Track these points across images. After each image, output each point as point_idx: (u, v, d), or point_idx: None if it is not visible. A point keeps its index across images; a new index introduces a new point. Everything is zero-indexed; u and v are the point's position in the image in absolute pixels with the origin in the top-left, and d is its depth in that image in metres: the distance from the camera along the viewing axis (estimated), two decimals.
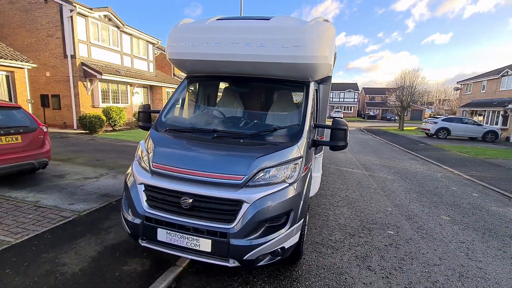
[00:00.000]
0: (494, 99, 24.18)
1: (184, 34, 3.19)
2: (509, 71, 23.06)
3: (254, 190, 2.42)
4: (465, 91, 30.09)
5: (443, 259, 3.31)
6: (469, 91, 29.09)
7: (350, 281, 2.80)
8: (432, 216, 4.70)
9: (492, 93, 24.93)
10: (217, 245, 2.37)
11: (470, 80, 29.32)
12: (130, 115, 15.41)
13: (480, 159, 11.00)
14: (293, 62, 2.89)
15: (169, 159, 2.63)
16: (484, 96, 26.07)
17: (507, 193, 6.34)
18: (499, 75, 24.14)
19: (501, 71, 24.44)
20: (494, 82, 24.92)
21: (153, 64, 18.45)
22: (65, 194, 4.56)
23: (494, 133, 18.75)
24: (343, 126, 3.07)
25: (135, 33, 15.99)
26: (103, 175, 5.83)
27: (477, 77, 28.30)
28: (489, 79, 25.69)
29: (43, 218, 3.67)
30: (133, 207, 2.61)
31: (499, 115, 22.56)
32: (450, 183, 7.18)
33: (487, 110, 24.38)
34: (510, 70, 22.92)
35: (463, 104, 29.55)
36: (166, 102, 3.57)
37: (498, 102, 22.55)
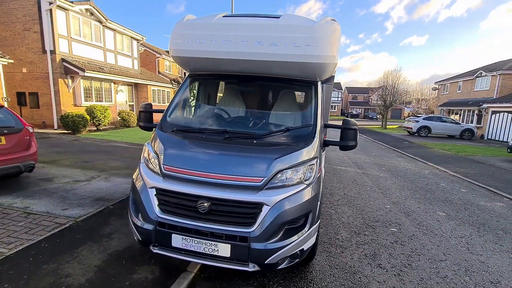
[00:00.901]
0: (469, 98, 25.53)
1: (190, 30, 3.05)
2: (482, 72, 24.42)
3: (274, 192, 2.36)
4: (443, 91, 31.57)
5: (447, 254, 3.42)
6: (446, 91, 30.55)
7: (364, 280, 2.82)
8: (429, 213, 4.86)
9: (468, 93, 26.31)
10: (237, 250, 2.29)
11: (447, 80, 30.78)
12: (114, 114, 14.82)
13: (462, 156, 11.57)
14: (305, 61, 2.85)
15: (182, 162, 2.52)
16: (460, 96, 27.47)
17: (492, 188, 6.69)
18: (474, 76, 25.52)
19: (475, 72, 25.84)
20: (469, 82, 26.31)
21: (138, 61, 17.85)
22: (56, 199, 4.28)
23: (470, 131, 19.82)
24: (353, 126, 3.08)
25: (119, 29, 15.37)
26: (94, 177, 5.54)
27: (454, 77, 29.76)
28: (464, 80, 27.09)
29: (36, 225, 3.42)
30: (144, 212, 2.47)
31: (474, 114, 23.87)
32: (439, 179, 7.48)
33: (463, 109, 25.72)
34: (483, 72, 24.27)
35: (440, 103, 30.98)
36: (170, 102, 3.42)
37: (473, 102, 23.83)
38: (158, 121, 3.32)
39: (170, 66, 25.96)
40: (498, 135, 19.68)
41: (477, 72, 25.38)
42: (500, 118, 19.59)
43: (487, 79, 23.88)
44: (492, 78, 23.12)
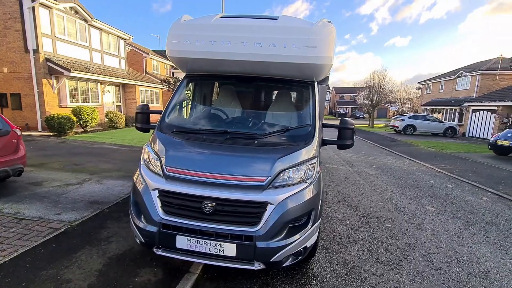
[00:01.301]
0: (451, 98, 26.54)
1: (188, 31, 3.04)
2: (463, 72, 25.45)
3: (278, 191, 2.40)
4: (426, 91, 32.65)
5: (440, 247, 3.57)
6: (429, 91, 31.62)
7: (364, 275, 2.90)
8: (420, 208, 5.04)
9: (449, 92, 27.34)
10: (242, 249, 2.31)
11: (430, 80, 31.87)
12: (102, 115, 14.45)
13: (446, 153, 12.03)
14: (303, 62, 2.90)
15: (185, 163, 2.51)
16: (443, 95, 28.51)
17: (476, 183, 7.01)
18: (455, 76, 26.55)
19: (456, 72, 26.89)
20: (451, 82, 27.35)
21: (125, 61, 17.48)
22: (48, 203, 4.15)
23: (453, 129, 20.62)
24: (351, 125, 3.17)
25: (105, 28, 15.01)
26: (86, 180, 5.40)
27: (436, 77, 30.84)
28: (446, 80, 28.13)
29: (29, 231, 3.31)
30: (147, 214, 2.45)
31: (456, 112, 24.84)
32: (426, 176, 7.75)
33: (446, 108, 26.72)
34: (464, 72, 25.30)
35: (424, 102, 32.03)
36: (168, 103, 3.40)
37: (455, 101, 24.80)
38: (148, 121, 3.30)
39: (158, 66, 25.59)
40: (478, 133, 20.57)
41: (458, 72, 26.42)
42: (480, 116, 20.48)
43: (467, 79, 24.91)
44: (472, 78, 24.15)
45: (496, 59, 24.19)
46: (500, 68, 22.57)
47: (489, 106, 19.34)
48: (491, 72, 23.00)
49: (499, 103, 18.16)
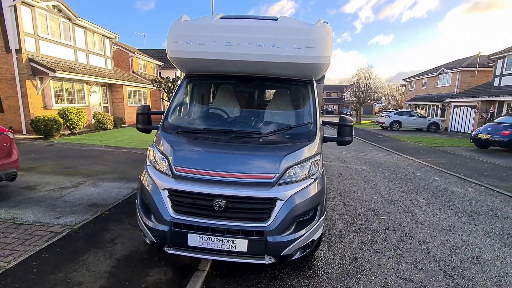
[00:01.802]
0: (433, 94, 27.54)
1: (189, 31, 3.06)
2: (444, 69, 26.46)
3: (286, 187, 2.48)
4: (409, 87, 33.71)
5: (433, 236, 3.78)
6: (413, 88, 32.66)
7: (366, 265, 3.04)
8: (411, 200, 5.28)
9: (432, 88, 28.36)
10: (253, 244, 2.39)
11: (413, 77, 32.91)
12: (89, 117, 14.08)
13: (431, 148, 12.53)
14: (304, 62, 2.99)
15: (194, 162, 2.55)
16: (426, 91, 29.53)
17: (461, 175, 7.37)
18: (437, 73, 27.56)
19: (438, 69, 27.92)
20: (433, 79, 28.37)
21: (111, 60, 17.07)
22: (45, 208, 4.07)
23: (436, 124, 21.43)
24: (350, 122, 3.30)
25: (90, 27, 14.59)
26: (81, 183, 5.30)
27: (419, 75, 31.89)
28: (428, 77, 29.16)
29: (30, 236, 3.25)
30: (157, 214, 2.48)
31: (438, 108, 25.81)
32: (414, 170, 8.08)
33: (428, 104, 27.70)
34: (445, 69, 26.31)
35: (408, 99, 33.06)
36: (170, 103, 3.42)
37: (437, 97, 25.76)
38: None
39: (145, 66, 25.11)
40: (459, 127, 21.49)
41: (439, 69, 27.44)
42: (461, 112, 21.39)
43: (448, 75, 25.92)
44: (453, 75, 25.15)
45: (475, 56, 25.29)
46: (478, 65, 23.63)
47: (469, 101, 20.23)
48: (470, 69, 24.05)
49: (478, 98, 19.03)
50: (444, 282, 2.77)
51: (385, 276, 2.84)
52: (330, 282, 2.74)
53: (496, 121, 11.70)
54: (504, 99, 17.15)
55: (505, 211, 4.82)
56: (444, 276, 2.87)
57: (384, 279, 2.79)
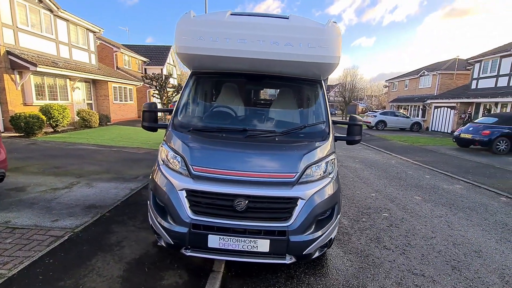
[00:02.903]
0: (415, 95, 28.65)
1: (200, 27, 2.97)
2: (425, 71, 27.57)
3: (307, 186, 2.47)
4: (392, 88, 34.86)
5: (435, 232, 3.92)
6: (396, 89, 33.80)
7: (378, 261, 3.11)
8: (408, 197, 5.45)
9: (413, 90, 29.49)
10: (275, 244, 2.36)
11: (395, 79, 34.06)
12: (72, 114, 13.43)
13: (417, 146, 13.03)
14: (318, 61, 3.00)
15: (212, 162, 2.49)
16: (407, 92, 30.66)
17: (449, 173, 7.72)
18: (418, 75, 28.68)
19: (419, 71, 29.05)
20: (414, 81, 29.49)
21: (95, 55, 16.36)
22: (40, 210, 3.83)
23: (418, 124, 22.33)
24: (359, 122, 3.35)
25: (73, 19, 13.90)
26: (74, 184, 5.05)
27: (401, 76, 33.04)
28: (410, 78, 30.27)
29: (29, 240, 3.04)
30: (175, 215, 2.40)
31: (420, 108, 26.89)
32: (405, 168, 8.36)
33: (410, 105, 28.79)
34: (426, 71, 27.42)
35: (391, 99, 34.18)
36: (178, 100, 3.31)
37: (418, 98, 26.82)
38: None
39: (130, 61, 24.29)
40: (440, 127, 22.50)
41: (420, 71, 28.56)
42: (441, 112, 22.39)
43: (429, 77, 27.05)
44: (433, 77, 26.27)
45: (453, 60, 26.54)
46: (456, 68, 24.83)
47: (448, 103, 21.21)
48: (449, 71, 25.22)
49: (457, 100, 20.01)
50: (453, 276, 2.87)
51: (397, 272, 2.91)
52: (346, 279, 2.77)
53: (477, 122, 12.35)
54: (481, 100, 18.13)
55: (494, 207, 5.10)
56: (452, 270, 2.98)
57: (397, 275, 2.86)
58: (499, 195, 5.84)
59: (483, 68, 19.18)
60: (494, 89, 17.71)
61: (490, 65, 18.55)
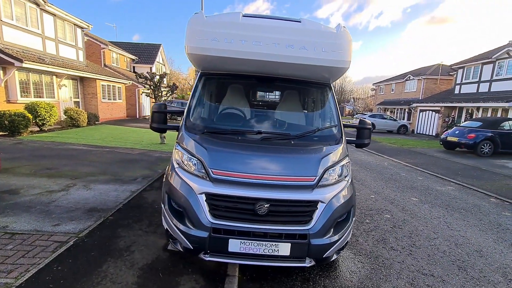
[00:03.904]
0: (401, 98, 29.55)
1: (214, 28, 2.93)
2: (411, 76, 28.51)
3: (326, 189, 2.50)
4: (379, 92, 35.81)
5: (436, 232, 4.05)
6: (382, 92, 34.74)
7: (387, 262, 3.17)
8: (406, 199, 5.61)
9: (399, 93, 30.41)
10: (296, 248, 2.37)
11: (382, 82, 35.02)
12: (59, 112, 12.91)
13: (406, 149, 13.44)
14: (331, 65, 3.04)
15: (232, 165, 2.46)
16: (394, 96, 31.58)
17: (439, 175, 8.01)
18: (404, 79, 29.61)
19: (405, 76, 30.00)
20: (400, 85, 30.42)
21: (83, 52, 15.83)
22: (38, 214, 3.65)
23: (405, 127, 23.04)
24: (368, 125, 3.42)
25: (60, 14, 13.38)
26: (70, 186, 4.85)
27: (388, 80, 34.00)
28: (396, 82, 31.22)
29: (31, 247, 2.89)
30: (195, 219, 2.35)
31: (405, 112, 27.76)
32: (398, 170, 8.60)
33: (397, 108, 29.66)
34: (411, 76, 28.36)
35: (378, 102, 35.09)
36: (189, 102, 3.25)
37: (404, 101, 27.68)
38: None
39: (118, 59, 23.67)
40: (425, 130, 23.30)
41: (406, 76, 29.51)
42: (426, 116, 23.21)
43: (414, 82, 27.98)
44: (418, 82, 27.20)
45: (437, 65, 27.60)
46: (440, 73, 25.84)
47: (433, 106, 22.03)
48: (433, 77, 26.20)
49: (441, 104, 20.81)
50: (460, 276, 2.98)
51: (408, 273, 2.99)
52: (360, 281, 2.81)
53: (463, 125, 12.89)
54: (463, 105, 18.95)
55: (487, 208, 5.33)
56: (459, 270, 3.09)
57: (408, 276, 2.94)
58: (489, 196, 6.12)
59: (466, 74, 20.06)
60: (476, 95, 18.55)
61: (472, 71, 19.43)
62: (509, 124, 11.86)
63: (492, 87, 17.62)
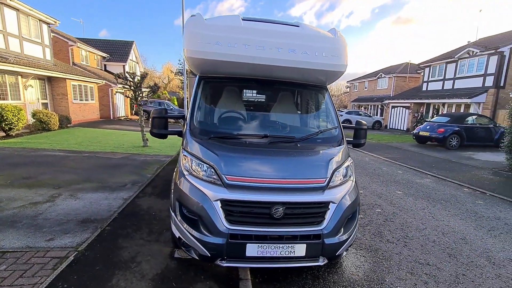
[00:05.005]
0: (374, 95, 31.01)
1: (217, 32, 2.92)
2: (382, 74, 30.00)
3: (336, 190, 2.60)
4: (353, 89, 37.27)
5: (424, 223, 4.37)
6: (356, 89, 36.20)
7: (387, 255, 3.38)
8: (391, 192, 5.96)
9: (372, 90, 31.89)
10: (311, 248, 2.45)
11: (356, 80, 36.47)
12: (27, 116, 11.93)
13: (383, 144, 14.18)
14: (331, 70, 3.16)
15: (245, 170, 2.48)
16: (367, 93, 33.05)
17: (416, 168, 8.58)
18: (376, 77, 31.08)
19: (377, 74, 31.50)
20: (373, 82, 31.90)
21: (50, 49, 14.75)
22: (27, 229, 3.41)
23: (379, 122, 24.26)
24: (364, 126, 3.60)
25: (24, 9, 12.34)
26: (55, 196, 4.55)
27: (361, 78, 35.48)
28: (369, 80, 32.68)
29: (28, 265, 2.70)
30: (212, 226, 2.35)
31: (378, 108, 29.19)
32: (379, 164, 9.07)
33: (370, 104, 31.08)
34: (383, 74, 29.85)
35: (352, 99, 36.52)
36: (191, 106, 3.21)
37: (377, 98, 29.09)
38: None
39: (88, 57, 22.32)
40: (397, 125, 24.71)
41: (378, 74, 31.00)
42: (397, 112, 24.61)
43: (385, 80, 29.48)
44: (389, 79, 28.70)
45: (405, 64, 29.30)
46: (409, 71, 27.47)
47: (404, 103, 23.40)
48: (402, 75, 27.80)
49: (411, 100, 22.17)
50: (452, 262, 3.26)
51: (407, 263, 3.21)
52: (366, 274, 2.97)
53: (433, 121, 13.86)
54: (430, 101, 20.34)
55: (462, 198, 5.83)
56: (450, 257, 3.37)
57: (407, 266, 3.15)
58: (462, 186, 6.68)
59: (432, 72, 21.54)
60: (442, 91, 20.01)
61: (438, 69, 20.90)
62: (473, 119, 12.98)
63: (456, 84, 19.10)
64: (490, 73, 16.50)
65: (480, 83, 17.05)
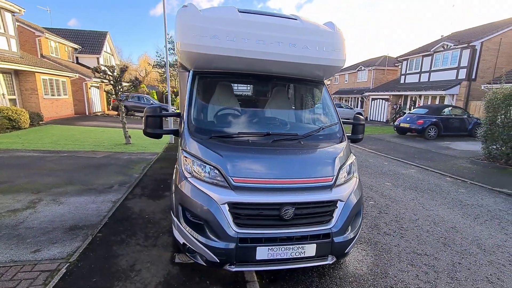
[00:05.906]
0: (354, 88, 31.73)
1: (214, 25, 2.75)
2: (362, 67, 30.68)
3: (342, 188, 2.58)
4: (334, 82, 37.89)
5: (416, 214, 4.52)
6: (337, 82, 36.84)
7: (386, 247, 3.45)
8: (381, 184, 6.12)
9: (353, 83, 32.60)
10: (321, 247, 2.42)
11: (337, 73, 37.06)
12: None
13: (366, 135, 14.44)
14: (331, 64, 3.12)
15: (253, 171, 2.39)
16: (348, 85, 33.74)
17: (400, 159, 8.89)
18: (356, 70, 31.75)
19: (356, 67, 32.16)
20: (353, 75, 32.58)
21: (16, 40, 13.55)
22: (7, 240, 3.11)
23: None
24: (362, 121, 3.61)
25: None
26: (36, 202, 4.20)
27: (342, 70, 36.03)
28: (350, 73, 33.34)
29: (15, 282, 2.45)
30: (220, 231, 2.25)
31: (359, 100, 29.95)
32: (365, 156, 9.31)
33: (351, 97, 31.80)
34: (363, 66, 30.53)
35: (333, 92, 37.13)
36: (188, 103, 3.02)
37: (357, 91, 29.80)
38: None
39: (58, 49, 20.84)
40: (377, 117, 25.51)
41: (358, 66, 31.66)
42: (377, 104, 25.38)
43: (365, 72, 30.21)
44: (369, 72, 29.43)
45: (383, 57, 30.12)
46: (387, 64, 28.30)
47: (383, 95, 24.15)
48: (381, 67, 28.59)
49: (390, 92, 22.91)
50: (447, 251, 3.39)
51: (405, 255, 3.29)
52: (369, 268, 3.01)
53: (412, 112, 14.40)
54: (408, 93, 21.14)
55: (446, 187, 6.11)
56: (444, 246, 3.51)
57: (407, 257, 3.24)
58: (444, 176, 7.01)
59: (409, 65, 22.32)
60: (418, 84, 20.83)
61: (415, 63, 21.69)
62: (448, 110, 13.64)
63: (432, 77, 19.95)
64: (463, 66, 17.36)
65: (454, 75, 17.91)
